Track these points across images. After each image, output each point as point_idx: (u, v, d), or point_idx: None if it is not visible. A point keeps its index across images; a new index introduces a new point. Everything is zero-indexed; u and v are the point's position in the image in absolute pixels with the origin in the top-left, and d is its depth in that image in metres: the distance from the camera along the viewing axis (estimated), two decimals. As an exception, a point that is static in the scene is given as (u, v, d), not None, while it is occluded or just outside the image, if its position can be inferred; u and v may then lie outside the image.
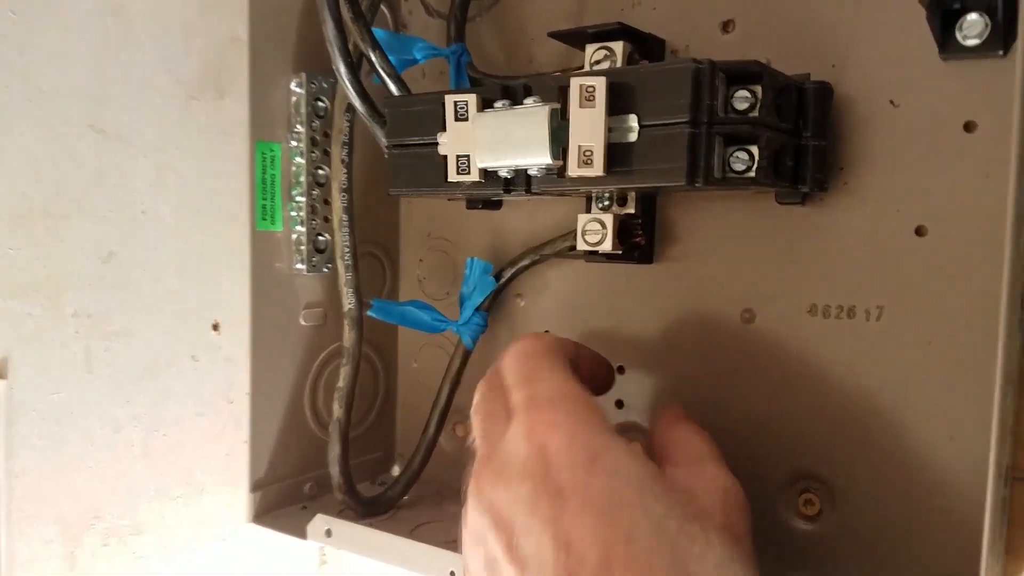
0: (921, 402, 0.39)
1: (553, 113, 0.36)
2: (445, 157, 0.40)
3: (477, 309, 0.50)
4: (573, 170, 0.36)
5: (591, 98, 0.35)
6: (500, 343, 0.53)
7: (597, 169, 0.35)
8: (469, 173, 0.39)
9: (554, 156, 0.36)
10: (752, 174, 0.36)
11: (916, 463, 0.39)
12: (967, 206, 0.38)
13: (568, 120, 0.36)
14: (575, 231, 0.45)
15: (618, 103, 0.35)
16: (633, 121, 0.35)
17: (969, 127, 0.38)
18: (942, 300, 0.39)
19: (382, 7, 0.52)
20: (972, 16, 0.36)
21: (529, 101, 0.37)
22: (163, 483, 0.53)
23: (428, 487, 0.53)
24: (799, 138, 0.39)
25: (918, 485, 0.39)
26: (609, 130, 0.36)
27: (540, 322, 0.51)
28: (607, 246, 0.44)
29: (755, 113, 0.36)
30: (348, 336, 0.49)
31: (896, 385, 0.40)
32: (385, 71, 0.45)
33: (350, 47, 0.44)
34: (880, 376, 0.40)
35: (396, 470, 0.58)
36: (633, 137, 0.35)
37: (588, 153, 0.35)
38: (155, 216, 0.51)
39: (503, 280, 0.50)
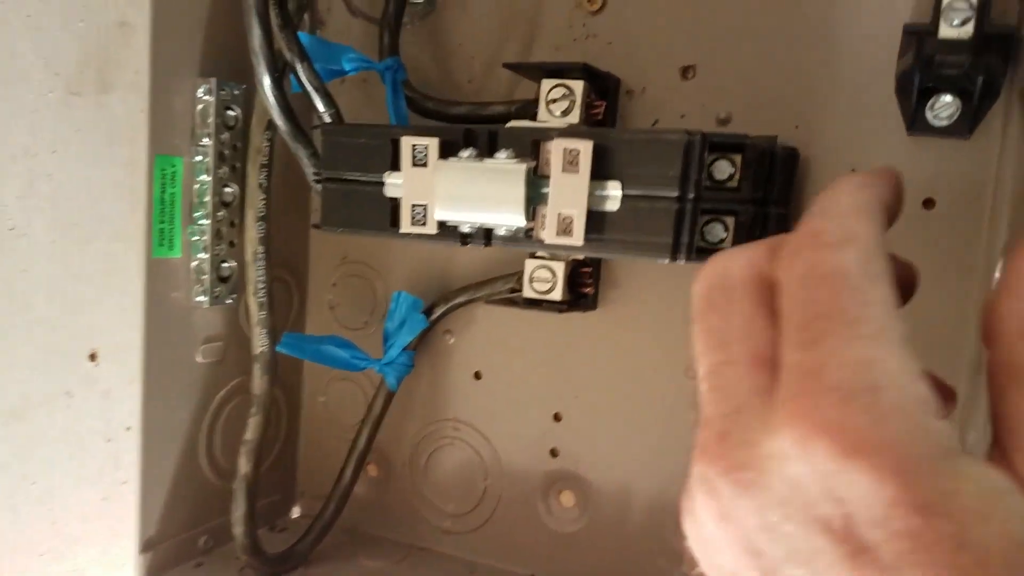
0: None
1: (529, 173, 0.32)
2: (394, 201, 0.36)
3: (404, 348, 0.45)
4: (551, 237, 0.32)
5: (574, 163, 0.31)
6: (425, 381, 0.49)
7: (577, 239, 0.32)
8: (425, 225, 0.35)
9: (528, 218, 0.33)
10: (727, 246, 0.34)
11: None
12: (925, 282, 0.38)
13: (543, 179, 0.32)
14: (519, 274, 0.42)
15: (600, 168, 0.32)
16: (616, 189, 0.32)
17: (928, 204, 0.38)
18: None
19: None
20: (946, 98, 0.35)
21: (501, 155, 0.33)
22: (31, 536, 0.45)
23: (341, 535, 0.48)
24: (765, 205, 0.37)
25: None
26: (589, 194, 0.32)
27: (471, 361, 0.47)
28: (556, 295, 0.41)
29: (734, 183, 0.34)
30: (258, 382, 0.43)
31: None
32: (313, 84, 0.39)
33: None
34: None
35: (297, 512, 0.53)
36: (615, 206, 0.32)
37: (567, 221, 0.32)
38: (25, 232, 0.43)
39: (434, 317, 0.46)
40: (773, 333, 0.20)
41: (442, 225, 0.35)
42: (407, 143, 0.34)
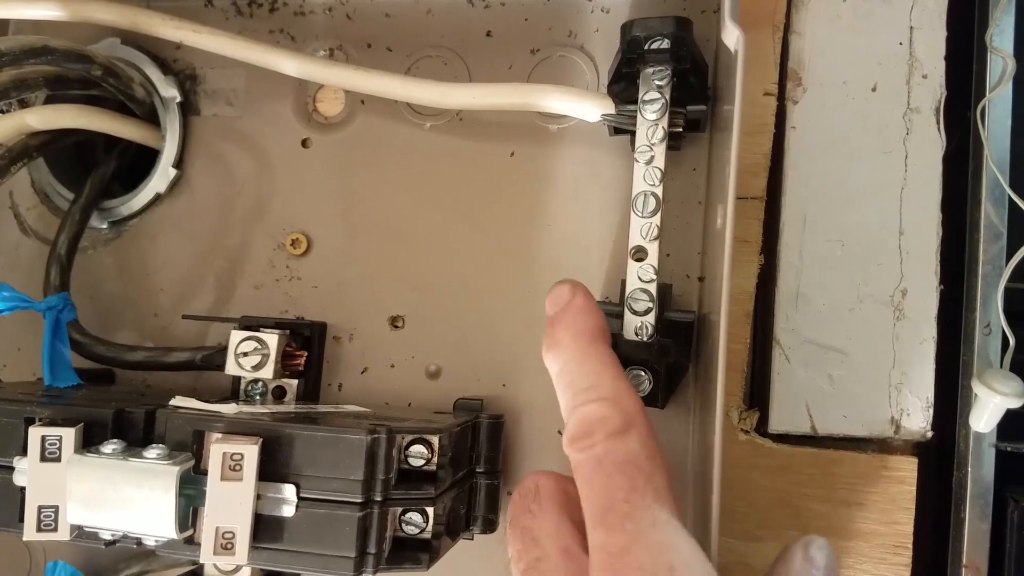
0: None
1: (184, 475, 0.26)
2: (23, 490, 0.28)
3: (54, 636, 0.36)
4: (207, 555, 0.26)
5: (237, 468, 0.26)
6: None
7: (240, 556, 0.26)
8: (56, 530, 0.27)
9: (182, 528, 0.26)
10: (427, 536, 0.29)
11: None
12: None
13: (204, 476, 0.26)
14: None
15: (273, 467, 0.27)
16: (291, 493, 0.27)
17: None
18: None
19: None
20: (638, 372, 0.34)
21: (151, 453, 0.26)
22: None
23: None
24: (471, 476, 0.34)
25: None
26: (257, 497, 0.27)
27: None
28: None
29: (432, 467, 0.30)
30: None
31: None
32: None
33: None
34: None
35: None
36: (289, 512, 0.27)
37: (228, 536, 0.26)
38: None
39: (98, 594, 0.37)
40: (576, 531, 0.24)
41: (79, 529, 0.27)
42: (35, 434, 0.27)
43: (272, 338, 0.34)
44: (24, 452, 0.28)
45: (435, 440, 0.29)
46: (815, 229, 0.37)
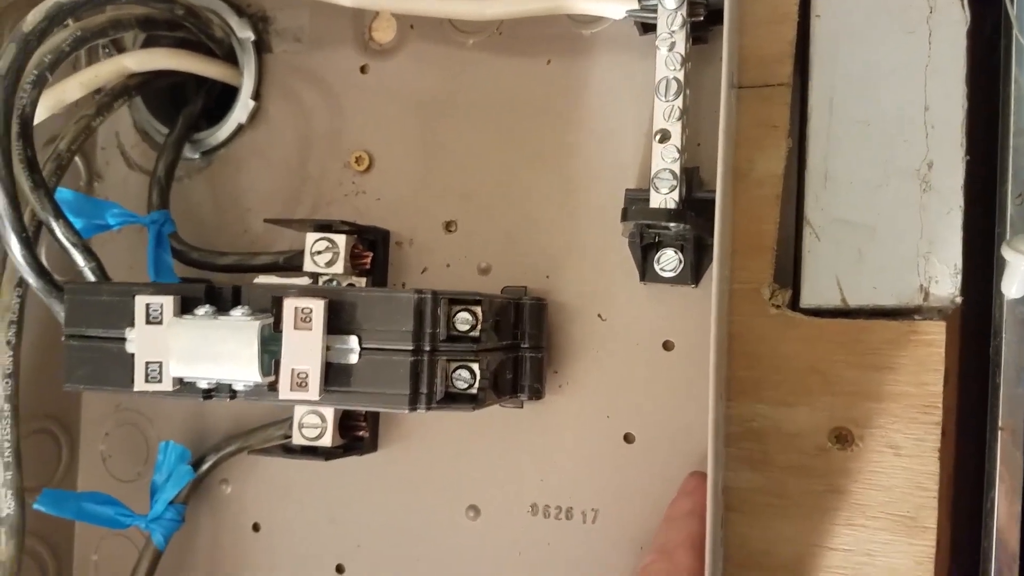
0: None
1: (264, 328, 0.31)
2: (133, 356, 0.33)
3: (171, 502, 0.42)
4: (285, 392, 0.31)
5: (307, 320, 0.30)
6: (201, 535, 0.45)
7: (312, 393, 0.31)
8: (160, 382, 0.32)
9: (264, 373, 0.31)
10: (474, 391, 0.33)
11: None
12: (669, 417, 0.39)
13: (280, 339, 0.31)
14: (290, 420, 0.40)
15: (339, 322, 0.31)
16: (354, 343, 0.31)
17: (667, 346, 0.39)
18: (651, 504, 0.38)
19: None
20: (669, 252, 0.37)
21: (238, 312, 0.32)
22: None
23: None
24: (517, 350, 0.38)
25: None
26: (328, 348, 0.31)
27: (249, 512, 0.44)
28: (327, 441, 0.39)
29: (476, 333, 0.33)
30: (4, 549, 0.38)
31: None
32: (70, 241, 0.37)
33: (26, 216, 0.36)
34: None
35: None
36: (354, 359, 0.31)
37: (302, 376, 0.31)
38: None
39: (203, 468, 0.42)
40: None
41: (180, 381, 0.32)
42: (140, 302, 0.32)
43: (341, 238, 0.39)
44: (133, 324, 0.33)
45: (478, 309, 0.33)
46: (841, 111, 0.39)
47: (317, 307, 0.30)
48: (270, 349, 0.31)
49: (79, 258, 0.37)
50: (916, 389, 0.37)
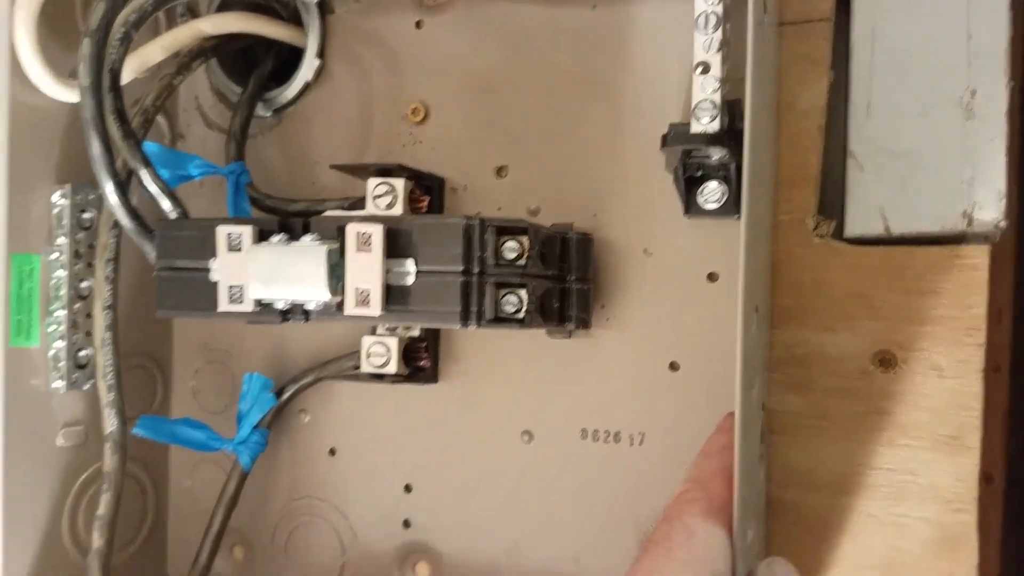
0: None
1: (331, 252, 0.34)
2: (217, 284, 0.37)
3: (256, 427, 0.46)
4: (350, 309, 0.34)
5: (367, 243, 0.34)
6: (282, 460, 0.49)
7: (374, 309, 0.34)
8: (242, 303, 0.36)
9: (333, 292, 0.34)
10: (521, 316, 0.36)
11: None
12: (713, 346, 0.40)
13: (345, 258, 0.34)
14: (360, 351, 0.43)
15: (396, 247, 0.34)
16: (410, 266, 0.34)
17: (712, 277, 0.40)
18: (696, 428, 0.40)
19: (158, 117, 0.48)
20: (712, 184, 0.39)
21: (307, 239, 0.35)
22: None
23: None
24: (564, 281, 0.40)
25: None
26: (387, 271, 0.34)
27: (325, 438, 0.48)
28: (391, 368, 0.42)
29: (522, 261, 0.36)
30: (109, 461, 0.43)
31: (658, 504, 0.41)
32: (158, 187, 0.41)
33: (118, 165, 0.40)
34: (646, 496, 0.41)
35: (166, 596, 0.52)
36: (410, 280, 0.34)
37: (365, 294, 0.34)
38: None
39: (284, 397, 0.46)
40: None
41: (259, 303, 0.36)
42: (223, 231, 0.36)
43: (399, 182, 0.42)
44: (216, 255, 0.37)
45: (524, 238, 0.36)
46: (883, 41, 0.40)
47: (376, 231, 0.33)
48: (336, 272, 0.34)
49: (166, 204, 0.41)
50: (960, 312, 0.38)
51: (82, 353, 0.45)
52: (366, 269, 0.33)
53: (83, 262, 0.44)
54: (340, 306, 0.35)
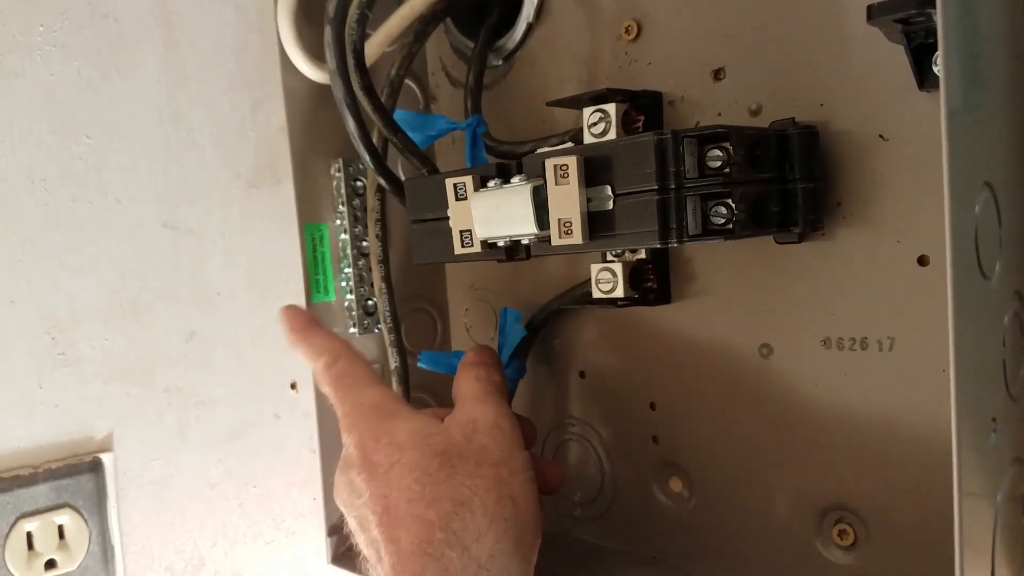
0: (939, 429, 0.38)
1: (537, 189, 0.37)
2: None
3: (513, 357, 0.51)
4: (556, 240, 0.37)
5: (565, 175, 0.36)
6: (542, 384, 0.54)
7: (577, 238, 0.36)
8: (472, 245, 0.41)
9: (541, 227, 0.38)
10: (731, 227, 0.36)
11: (940, 490, 0.38)
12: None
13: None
14: (589, 280, 0.46)
15: (594, 175, 0.36)
16: (608, 191, 0.36)
17: (958, 155, 0.36)
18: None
19: (410, 83, 0.55)
20: (944, 48, 0.35)
21: (515, 179, 0.38)
22: (257, 530, 0.57)
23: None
24: (785, 183, 0.39)
25: (943, 514, 0.38)
26: (588, 200, 0.36)
27: (575, 362, 0.52)
28: (619, 292, 0.45)
29: (728, 170, 0.36)
30: (396, 390, 0.52)
31: (913, 413, 0.38)
32: (409, 151, 0.47)
33: (374, 136, 0.47)
34: (897, 405, 0.39)
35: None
36: (610, 205, 0.36)
37: (568, 224, 0.36)
38: (229, 296, 0.56)
39: (533, 328, 0.51)
40: None
41: (484, 243, 0.40)
42: (450, 183, 0.40)
43: (611, 107, 0.43)
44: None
45: (727, 144, 0.35)
46: None
47: (571, 162, 0.36)
48: (543, 206, 0.38)
49: (416, 163, 0.47)
50: None
51: (369, 302, 0.54)
52: (566, 200, 0.36)
53: (360, 224, 0.53)
54: (547, 239, 0.38)
